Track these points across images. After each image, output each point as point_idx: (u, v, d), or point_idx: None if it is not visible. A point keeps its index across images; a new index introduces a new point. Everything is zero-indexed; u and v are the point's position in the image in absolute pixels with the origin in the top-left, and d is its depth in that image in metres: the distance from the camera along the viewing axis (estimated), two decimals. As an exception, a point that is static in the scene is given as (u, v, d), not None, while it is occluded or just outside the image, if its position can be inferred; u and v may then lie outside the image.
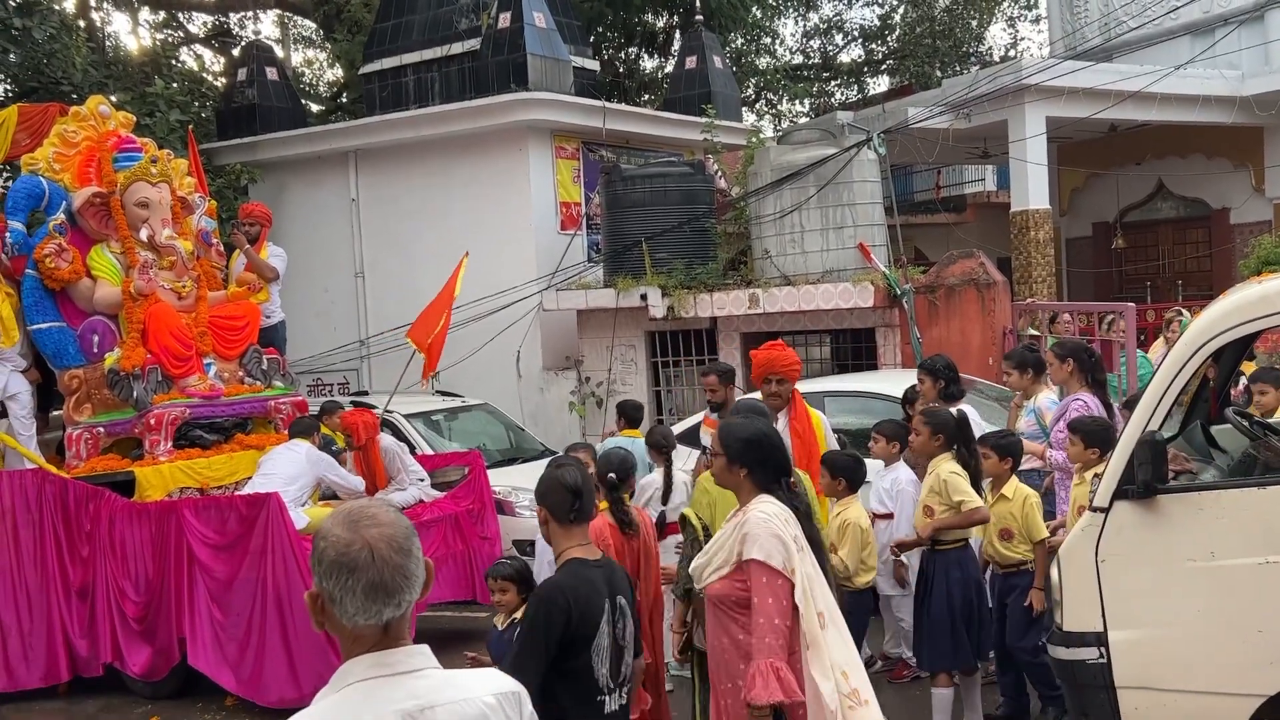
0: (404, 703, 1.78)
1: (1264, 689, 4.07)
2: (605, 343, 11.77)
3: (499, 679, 1.94)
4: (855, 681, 3.47)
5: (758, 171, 11.13)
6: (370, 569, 1.78)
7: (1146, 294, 15.56)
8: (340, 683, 1.82)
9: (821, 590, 3.55)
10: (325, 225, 13.69)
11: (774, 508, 3.56)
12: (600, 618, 3.28)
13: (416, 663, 1.84)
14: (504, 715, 1.86)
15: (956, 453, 5.41)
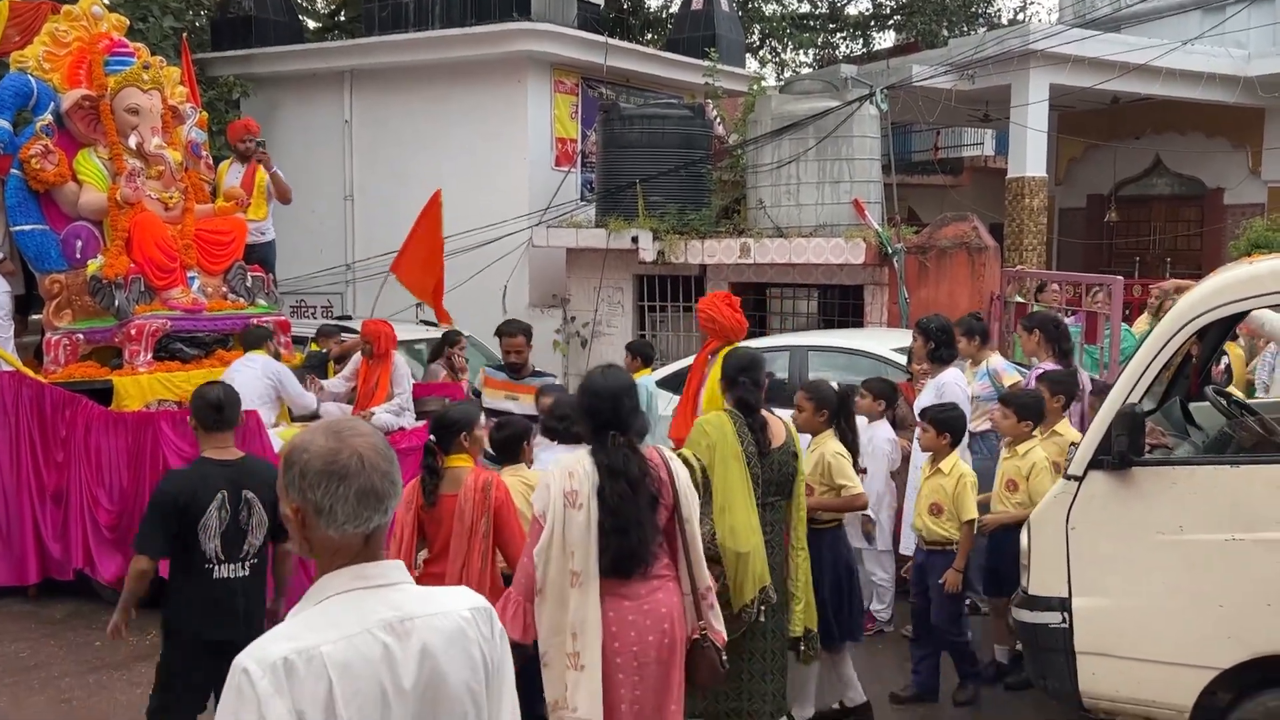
0: (385, 614, 1.80)
1: (1219, 662, 4.15)
2: (593, 283, 11.73)
3: (472, 596, 1.96)
4: (581, 645, 3.50)
5: (757, 120, 11.04)
6: (361, 475, 1.81)
7: (1135, 269, 15.59)
8: (319, 595, 1.83)
9: (587, 551, 3.51)
10: (316, 145, 13.52)
11: (571, 459, 3.69)
12: (208, 504, 4.11)
13: (394, 576, 1.87)
14: (477, 630, 1.89)
15: (837, 428, 5.26)
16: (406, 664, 1.79)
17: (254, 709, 1.67)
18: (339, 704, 1.70)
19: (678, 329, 11.55)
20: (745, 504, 4.29)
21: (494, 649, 1.92)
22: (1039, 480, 5.36)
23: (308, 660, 1.71)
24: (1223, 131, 16.07)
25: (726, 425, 4.38)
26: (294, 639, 1.74)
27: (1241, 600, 4.08)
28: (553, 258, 12.30)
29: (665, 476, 3.67)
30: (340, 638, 1.75)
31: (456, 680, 1.83)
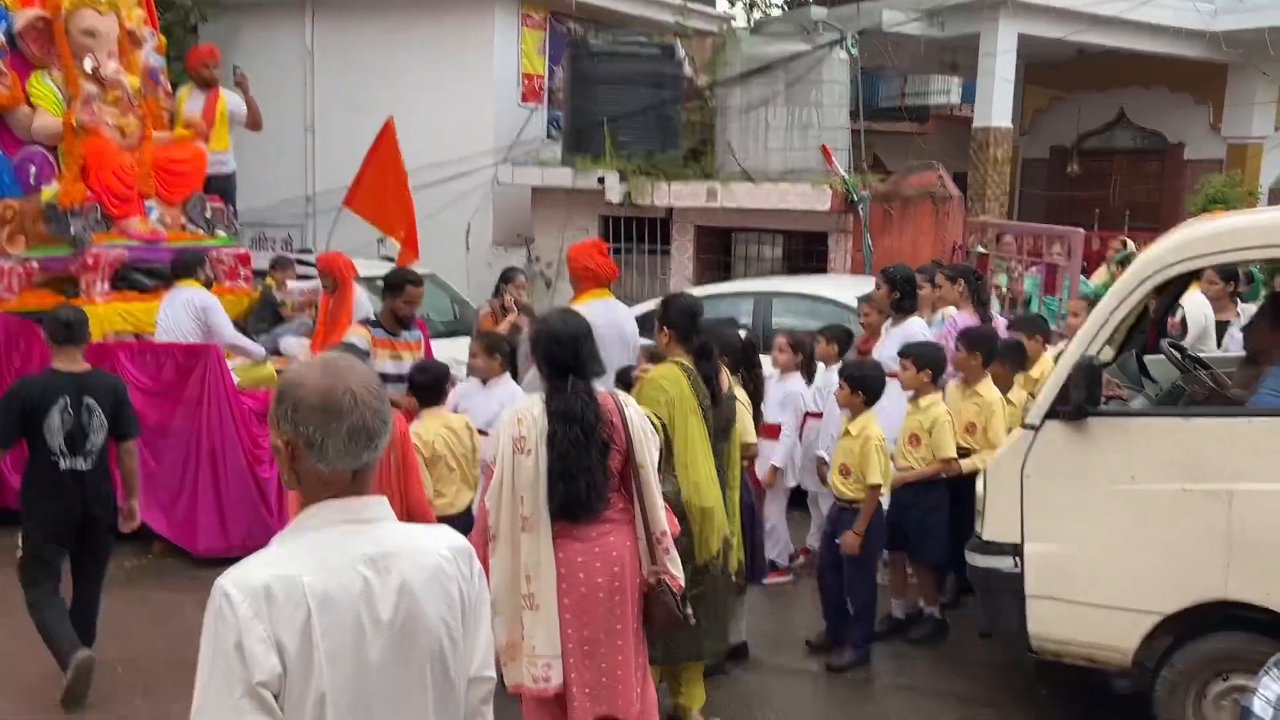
0: (367, 549, 1.83)
1: (1164, 607, 4.29)
2: (558, 223, 11.66)
3: (453, 535, 2.00)
4: (536, 587, 3.54)
5: (727, 61, 10.95)
6: (354, 412, 1.82)
7: (1095, 222, 15.75)
8: (304, 526, 1.86)
9: (536, 496, 3.54)
10: (277, 75, 13.21)
11: (521, 405, 3.73)
12: (51, 406, 4.75)
13: (378, 513, 1.89)
14: (457, 568, 1.93)
15: (739, 377, 5.18)
16: (385, 598, 1.81)
17: (233, 632, 1.69)
18: (316, 633, 1.73)
19: (644, 272, 11.54)
20: (706, 458, 4.30)
21: (472, 588, 1.94)
22: (941, 435, 5.37)
23: (288, 588, 1.73)
24: (1186, 86, 16.18)
25: (682, 380, 4.33)
26: (276, 566, 1.76)
27: (1188, 548, 4.21)
28: (518, 196, 12.20)
29: (617, 421, 3.67)
30: (322, 569, 1.77)
31: (433, 616, 1.86)
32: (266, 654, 1.69)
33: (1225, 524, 4.13)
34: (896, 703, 5.06)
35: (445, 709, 1.90)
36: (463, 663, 1.92)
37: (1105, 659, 4.48)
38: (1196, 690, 4.31)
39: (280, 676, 1.70)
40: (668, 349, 4.51)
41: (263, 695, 1.68)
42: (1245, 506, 4.10)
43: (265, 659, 1.68)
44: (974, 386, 5.65)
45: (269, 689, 1.69)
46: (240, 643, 1.68)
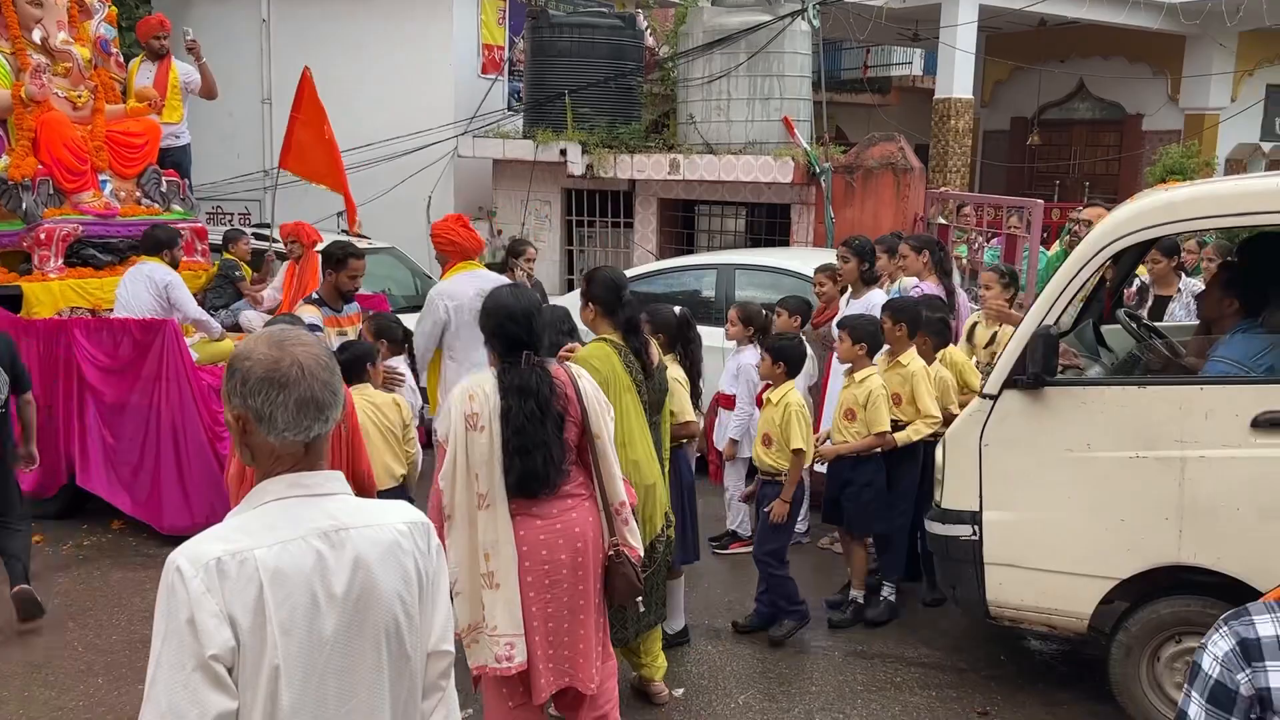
0: (321, 522, 1.83)
1: (1118, 572, 4.37)
2: (520, 196, 11.59)
3: (410, 510, 1.99)
4: (495, 565, 3.50)
5: (689, 32, 10.90)
6: (301, 384, 1.82)
7: (1055, 192, 15.89)
8: (257, 500, 1.85)
9: (491, 473, 3.50)
10: (232, 45, 13.01)
11: (471, 381, 3.63)
12: None
13: (332, 486, 1.89)
14: (413, 543, 1.92)
15: (677, 354, 5.13)
16: (339, 572, 1.81)
17: (185, 607, 1.69)
18: (269, 607, 1.73)
19: (606, 244, 11.51)
20: (644, 434, 4.26)
21: (429, 562, 1.95)
22: (875, 409, 5.35)
23: (240, 563, 1.73)
24: (1145, 58, 16.31)
25: (613, 357, 4.26)
26: (228, 541, 1.76)
27: (1142, 514, 4.28)
28: (479, 169, 12.11)
29: (571, 394, 3.62)
30: (275, 542, 1.77)
31: (388, 590, 1.86)
32: (219, 628, 1.69)
33: (1178, 490, 4.21)
34: (858, 671, 5.13)
35: (401, 683, 1.90)
36: (419, 637, 1.92)
37: (1062, 624, 4.56)
38: (1150, 653, 4.40)
39: (234, 650, 1.70)
40: (594, 325, 4.45)
41: (215, 669, 1.69)
42: (1197, 473, 4.18)
43: (218, 633, 1.69)
44: (898, 357, 5.61)
45: (222, 663, 1.69)
46: (192, 618, 1.68)
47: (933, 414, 5.49)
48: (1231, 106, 15.71)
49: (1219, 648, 2.04)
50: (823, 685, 4.97)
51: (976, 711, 4.74)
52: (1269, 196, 4.29)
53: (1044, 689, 4.92)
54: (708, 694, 4.87)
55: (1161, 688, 4.40)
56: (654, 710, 4.72)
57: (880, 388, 5.40)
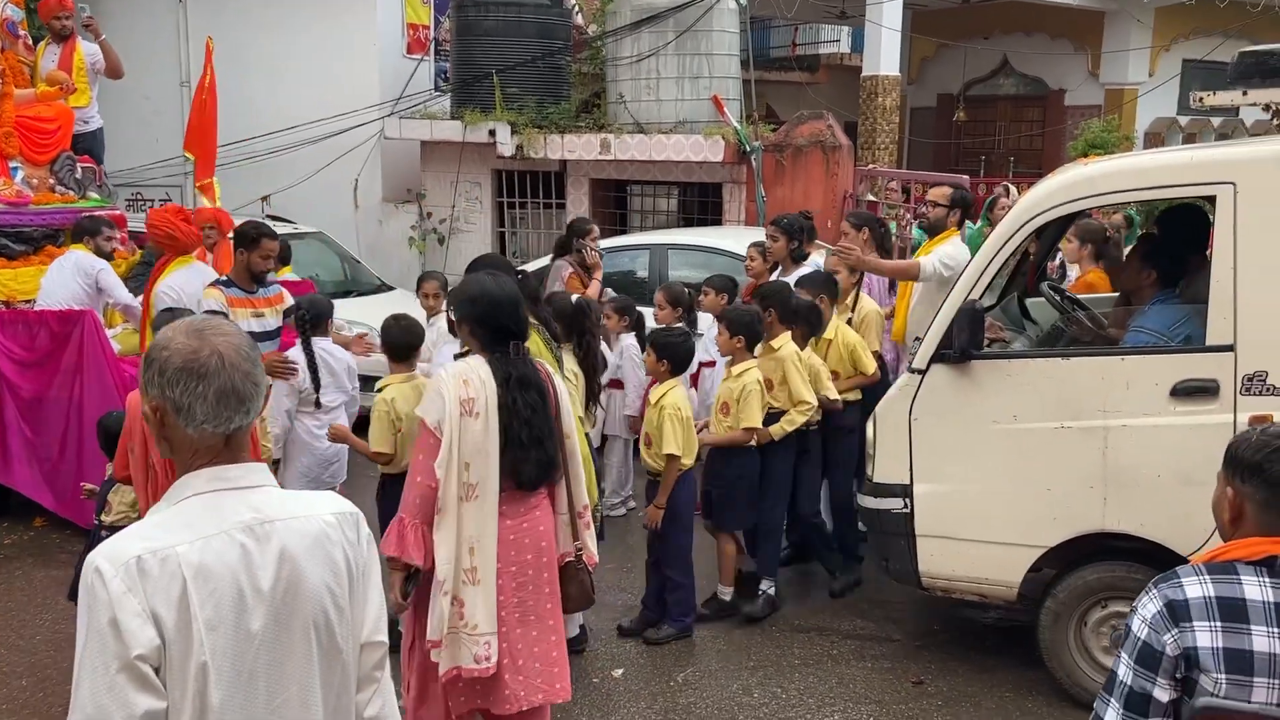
0: (244, 515, 1.79)
1: (1046, 541, 4.46)
2: (450, 177, 11.46)
3: (338, 500, 1.96)
4: (478, 560, 3.35)
5: (616, 11, 10.83)
6: (221, 374, 1.78)
7: (981, 168, 16.11)
8: (177, 495, 1.81)
9: (485, 463, 3.35)
10: (148, 26, 12.65)
11: (462, 366, 3.47)
12: None
13: (256, 479, 1.86)
14: (342, 534, 1.89)
15: (574, 345, 4.89)
16: (265, 566, 1.78)
17: (107, 608, 1.66)
18: (193, 604, 1.70)
19: (538, 226, 11.43)
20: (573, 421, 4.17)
21: (359, 553, 1.92)
22: (747, 404, 5.12)
23: (161, 560, 1.70)
24: (1066, 34, 16.58)
25: (540, 343, 4.20)
26: (148, 539, 1.73)
27: (1067, 483, 4.37)
28: (407, 150, 11.94)
29: (552, 389, 3.53)
30: (196, 538, 1.74)
31: (316, 582, 1.83)
32: (143, 627, 1.66)
33: (1102, 459, 4.30)
34: (795, 645, 5.18)
35: (333, 676, 1.87)
36: (351, 629, 1.89)
37: (993, 593, 4.65)
38: (1078, 618, 4.51)
39: (159, 649, 1.68)
40: None
41: (140, 670, 1.66)
42: (1120, 441, 4.27)
43: (142, 632, 1.66)
44: (769, 343, 5.41)
45: (148, 662, 1.67)
46: (115, 619, 1.65)
47: (806, 399, 5.29)
48: (1149, 81, 16.04)
49: (1147, 610, 2.11)
50: (760, 659, 5.02)
51: (911, 681, 4.82)
52: (1184, 170, 4.39)
53: (976, 657, 5.02)
54: (646, 673, 4.89)
55: (1089, 651, 4.52)
56: (593, 690, 4.72)
57: (755, 382, 5.16)
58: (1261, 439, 2.18)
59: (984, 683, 4.79)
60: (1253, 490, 2.16)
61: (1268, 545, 2.12)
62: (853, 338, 5.79)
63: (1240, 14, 14.39)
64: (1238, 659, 2.05)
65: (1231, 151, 4.56)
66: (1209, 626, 2.07)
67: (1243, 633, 2.06)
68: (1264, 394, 4.10)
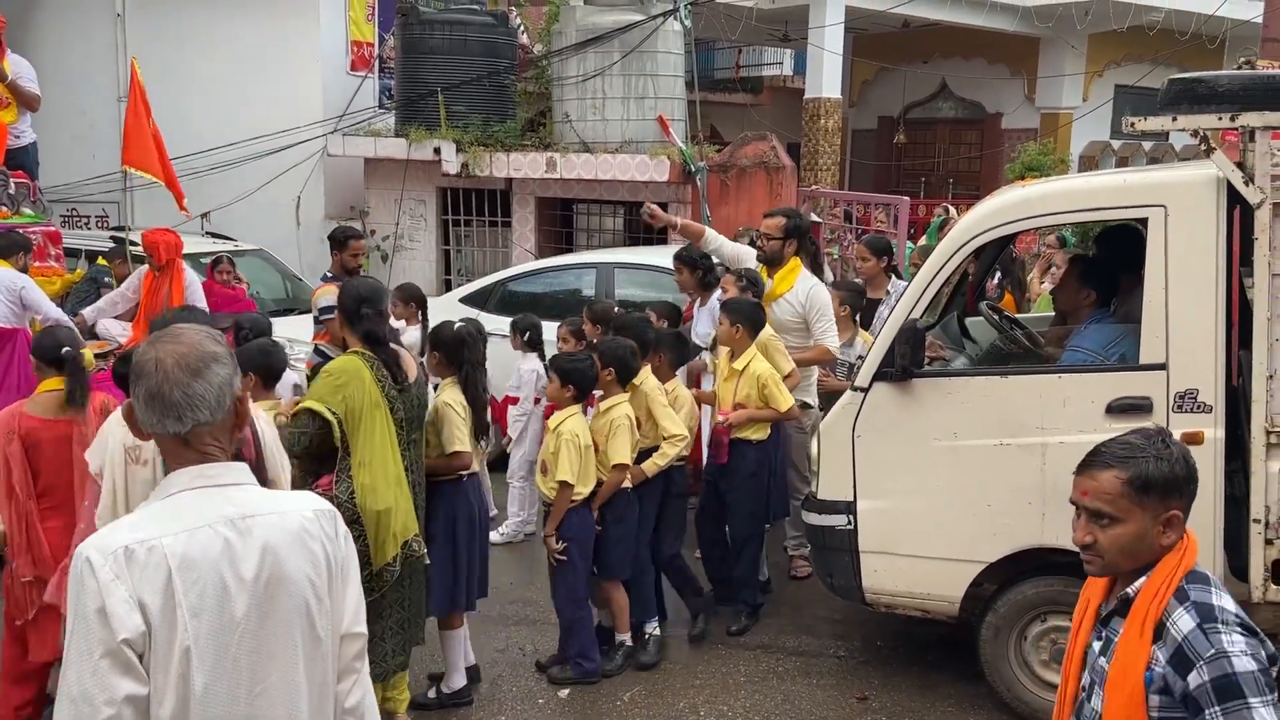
0: (227, 510, 1.90)
1: (987, 556, 4.52)
2: (394, 195, 11.38)
3: (316, 499, 2.06)
4: None
5: (562, 31, 10.87)
6: (152, 378, 1.90)
7: (921, 189, 16.38)
8: (165, 490, 1.93)
9: None
10: (84, 40, 12.44)
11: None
12: None
13: (237, 477, 1.96)
14: (320, 529, 1.99)
15: (461, 375, 4.63)
16: (248, 558, 1.87)
17: (95, 596, 1.75)
18: (178, 591, 1.79)
19: (484, 244, 11.40)
20: (387, 455, 3.97)
21: (337, 548, 2.01)
22: (614, 440, 4.86)
23: (148, 550, 1.79)
24: (1003, 59, 16.95)
25: (363, 370, 3.96)
26: (136, 530, 1.83)
27: (1006, 499, 4.44)
28: (350, 168, 11.84)
29: (252, 434, 3.26)
30: (182, 530, 1.84)
31: (297, 574, 1.92)
32: (130, 613, 1.75)
33: (1040, 475, 4.38)
34: (740, 662, 5.19)
35: (315, 664, 1.95)
36: (331, 620, 1.98)
37: (935, 608, 4.70)
38: (1018, 632, 4.57)
39: (145, 634, 1.77)
40: (345, 334, 4.15)
41: (125, 656, 1.75)
42: (1057, 458, 4.35)
43: (129, 618, 1.75)
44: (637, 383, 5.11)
45: (134, 648, 1.76)
46: (103, 607, 1.75)
47: (675, 431, 5.04)
48: (1083, 106, 16.45)
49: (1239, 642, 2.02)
50: (706, 679, 5.02)
51: (855, 697, 4.85)
52: (1117, 193, 4.50)
53: (919, 672, 5.06)
54: (593, 693, 4.86)
55: (1029, 665, 4.58)
56: (539, 711, 4.69)
57: (625, 417, 4.90)
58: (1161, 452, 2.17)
59: (927, 698, 4.84)
60: (1186, 499, 2.18)
61: (1192, 535, 2.18)
62: (764, 369, 5.33)
63: (1170, 42, 14.82)
64: None
65: (1163, 176, 4.69)
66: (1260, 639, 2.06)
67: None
68: (1195, 411, 4.20)
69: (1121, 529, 2.19)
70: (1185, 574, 2.14)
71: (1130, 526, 2.17)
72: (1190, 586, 2.12)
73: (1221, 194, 4.17)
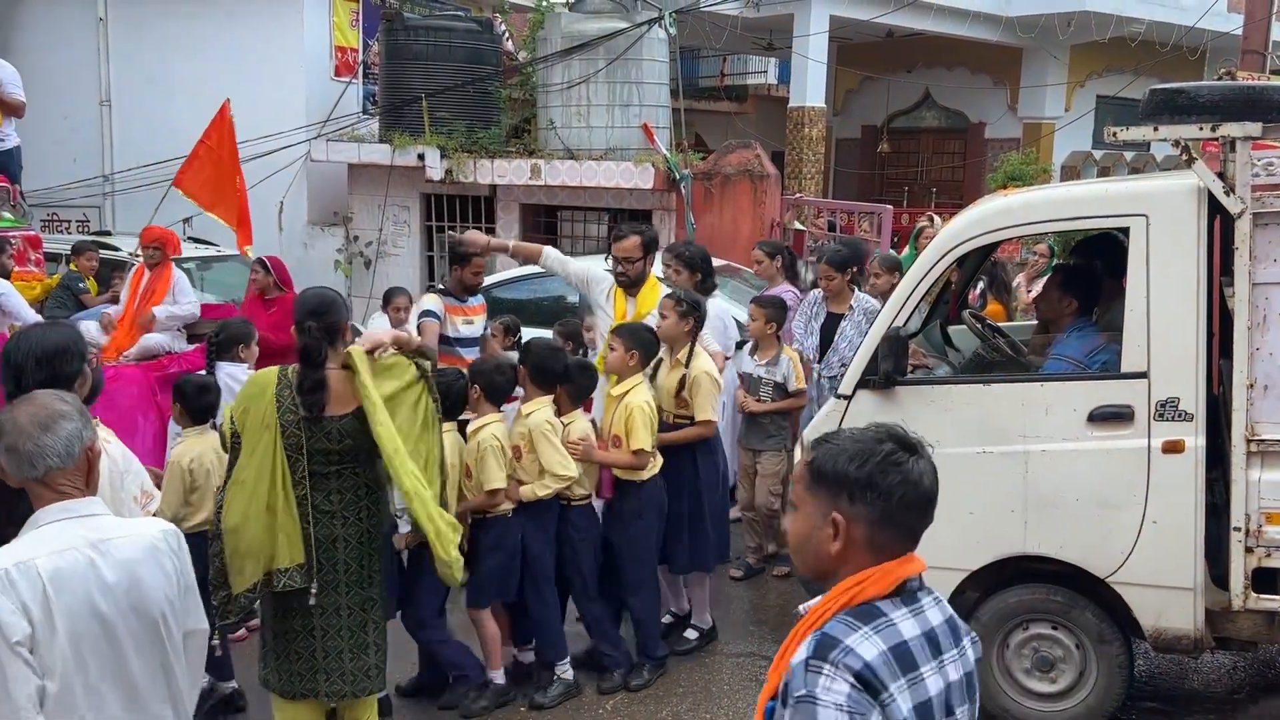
0: (89, 535, 2.35)
1: (969, 564, 4.53)
2: (377, 201, 11.35)
3: (161, 524, 2.55)
4: None
5: (547, 38, 10.87)
6: (10, 436, 2.36)
7: (904, 198, 16.44)
8: (33, 525, 2.36)
9: None
10: (66, 44, 12.36)
11: None
12: None
13: (95, 509, 2.42)
14: (168, 546, 2.48)
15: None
16: (109, 570, 2.34)
17: None
18: (52, 600, 2.25)
19: (466, 250, 11.36)
20: (264, 478, 3.64)
21: (181, 560, 2.50)
22: (484, 465, 4.64)
23: (24, 570, 2.24)
24: (986, 69, 17.04)
25: (268, 388, 3.68)
26: (13, 555, 2.27)
27: (989, 508, 4.45)
28: (333, 173, 11.80)
29: None
30: (51, 552, 2.29)
31: (152, 584, 2.40)
32: (18, 620, 2.21)
33: (1022, 483, 4.39)
34: (724, 670, 5.19)
35: (166, 658, 2.44)
36: (179, 619, 2.47)
37: (917, 616, 4.69)
38: (1001, 640, 4.58)
39: (30, 635, 2.22)
40: None
41: (20, 651, 2.21)
42: (1039, 466, 4.37)
43: (18, 624, 2.21)
44: (521, 407, 4.88)
45: (24, 646, 2.22)
46: None
47: (558, 472, 4.69)
48: (1066, 116, 16.54)
49: (838, 694, 1.70)
50: (690, 686, 5.01)
51: (838, 705, 4.83)
52: (1099, 202, 4.53)
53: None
54: (575, 702, 4.85)
55: (1011, 673, 4.59)
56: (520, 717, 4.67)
57: (492, 437, 4.67)
58: (855, 449, 1.86)
59: (910, 706, 4.83)
60: (866, 509, 1.83)
61: (894, 570, 1.84)
62: (637, 402, 4.82)
63: (1151, 53, 14.92)
64: (923, 714, 1.76)
65: (1144, 185, 4.71)
66: (900, 687, 1.74)
67: (920, 680, 1.78)
68: (1176, 419, 4.22)
69: (794, 518, 1.93)
70: (855, 604, 1.81)
71: (800, 518, 1.91)
72: (842, 618, 1.80)
73: (1202, 204, 4.20)
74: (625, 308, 5.57)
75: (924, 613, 1.87)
